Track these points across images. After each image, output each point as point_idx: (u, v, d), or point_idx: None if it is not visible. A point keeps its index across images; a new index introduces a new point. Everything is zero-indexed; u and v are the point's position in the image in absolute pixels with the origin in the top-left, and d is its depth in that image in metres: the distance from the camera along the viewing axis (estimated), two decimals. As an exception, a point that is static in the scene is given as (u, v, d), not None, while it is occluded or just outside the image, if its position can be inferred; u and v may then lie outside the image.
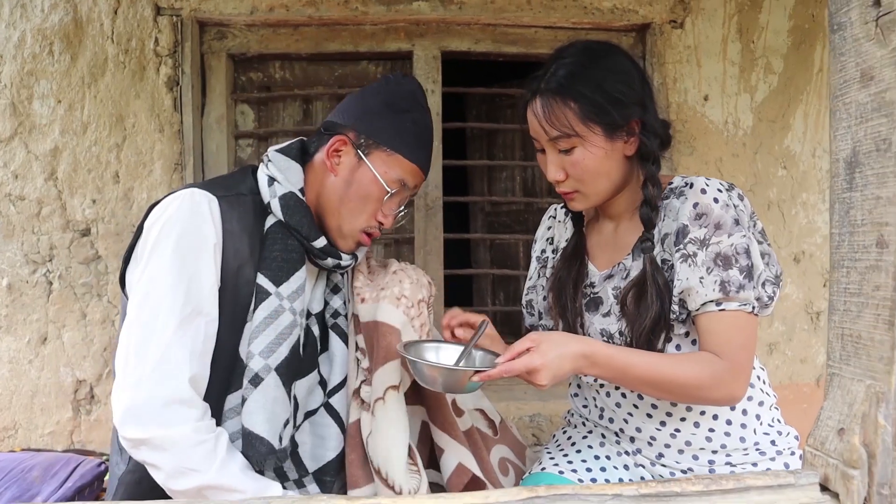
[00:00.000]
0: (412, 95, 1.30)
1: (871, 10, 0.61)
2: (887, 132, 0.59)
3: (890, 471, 0.59)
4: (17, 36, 1.97)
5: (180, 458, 1.07)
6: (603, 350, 1.13)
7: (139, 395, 1.07)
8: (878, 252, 0.61)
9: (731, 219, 1.13)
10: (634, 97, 1.17)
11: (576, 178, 1.20)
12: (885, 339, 0.60)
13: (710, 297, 1.12)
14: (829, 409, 0.65)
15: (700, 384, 1.11)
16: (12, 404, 2.04)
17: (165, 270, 1.12)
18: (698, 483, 0.61)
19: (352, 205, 1.25)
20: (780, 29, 2.14)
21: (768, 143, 2.16)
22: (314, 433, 1.29)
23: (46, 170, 2.00)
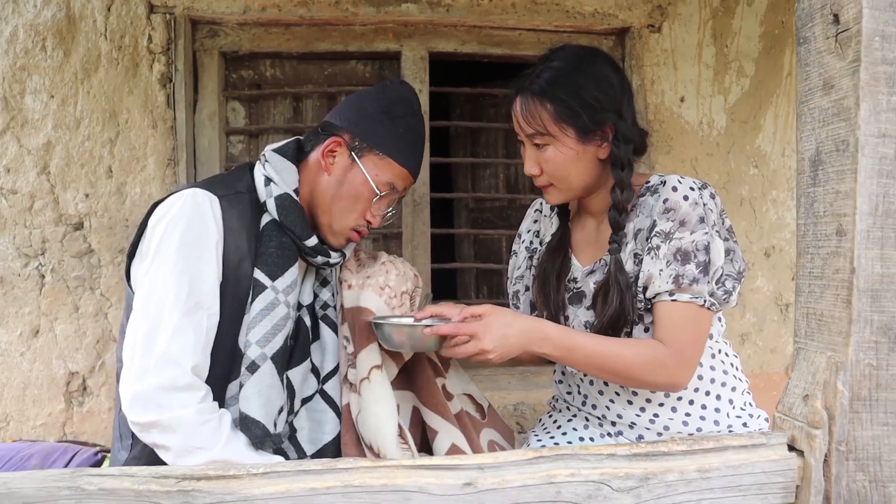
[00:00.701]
0: (407, 102, 1.37)
1: (831, 27, 0.69)
2: (845, 134, 0.67)
3: (847, 430, 0.68)
4: (9, 31, 1.98)
5: (188, 437, 1.13)
6: (551, 330, 1.20)
7: (146, 382, 1.14)
8: (838, 240, 0.69)
9: (697, 217, 1.21)
10: (610, 104, 1.24)
11: (548, 174, 1.28)
12: (843, 315, 0.68)
13: (664, 287, 1.20)
14: (796, 379, 0.73)
15: (643, 368, 1.18)
16: (4, 396, 2.06)
17: (170, 266, 1.18)
18: (682, 444, 0.68)
19: (342, 204, 1.32)
20: (751, 34, 2.24)
21: (740, 143, 2.26)
22: (311, 418, 1.36)
23: (39, 164, 2.02)
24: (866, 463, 0.68)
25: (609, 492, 0.66)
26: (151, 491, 0.64)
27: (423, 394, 1.50)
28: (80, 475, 0.65)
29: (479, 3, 2.10)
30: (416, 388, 1.51)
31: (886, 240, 0.67)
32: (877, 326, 0.68)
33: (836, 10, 0.69)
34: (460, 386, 1.61)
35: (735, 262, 1.28)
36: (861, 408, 0.68)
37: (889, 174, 0.66)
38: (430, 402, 1.49)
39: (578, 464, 0.66)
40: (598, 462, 0.66)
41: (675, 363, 1.19)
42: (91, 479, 0.64)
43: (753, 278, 2.30)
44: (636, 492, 0.66)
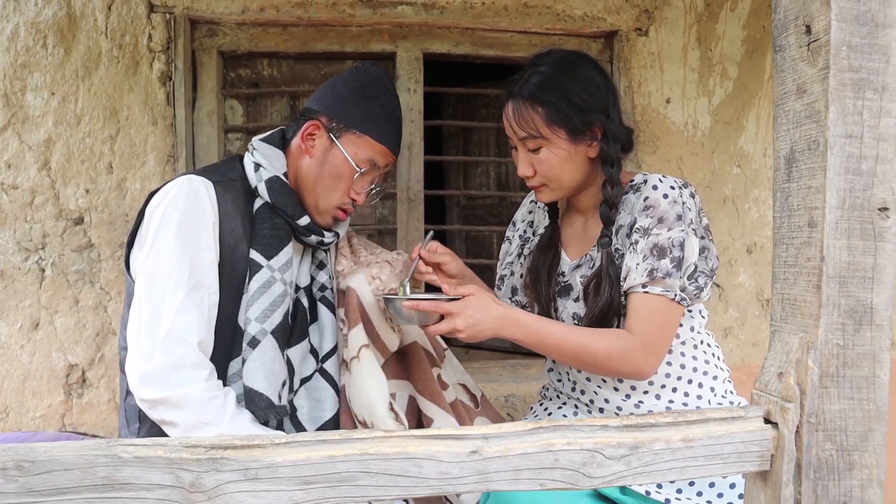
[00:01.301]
0: (379, 82, 1.44)
1: (804, 36, 0.76)
2: (816, 135, 0.74)
3: (816, 403, 0.75)
4: (10, 29, 2.02)
5: (195, 413, 1.19)
6: (523, 317, 1.27)
7: (153, 360, 1.19)
8: (810, 231, 0.76)
9: (675, 214, 1.27)
10: (598, 106, 1.31)
11: (542, 175, 1.35)
12: (813, 300, 0.75)
13: (638, 280, 1.26)
14: (771, 359, 0.80)
15: (609, 356, 1.24)
16: (4, 388, 2.09)
17: (170, 249, 1.24)
18: (669, 416, 0.75)
19: (325, 183, 1.38)
20: (734, 38, 2.32)
21: (724, 144, 2.33)
22: (310, 397, 1.42)
23: (40, 160, 2.05)
24: (833, 433, 0.75)
25: (602, 459, 0.72)
26: (183, 458, 0.69)
27: (420, 383, 1.56)
28: (115, 444, 0.70)
29: (473, 5, 2.16)
30: (413, 377, 1.57)
31: (852, 231, 0.74)
32: (844, 310, 0.75)
33: (808, 22, 0.76)
34: (455, 376, 1.68)
35: (709, 259, 1.34)
36: (829, 384, 0.75)
37: (855, 171, 0.73)
38: (426, 392, 1.55)
39: (574, 434, 0.72)
40: (592, 432, 0.72)
41: (642, 353, 1.25)
42: (126, 447, 0.70)
43: (736, 274, 2.38)
44: (626, 459, 0.73)
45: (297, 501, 0.71)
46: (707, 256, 1.34)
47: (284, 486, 0.70)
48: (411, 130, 2.20)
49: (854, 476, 0.76)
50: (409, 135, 2.19)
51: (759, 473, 0.77)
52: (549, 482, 0.72)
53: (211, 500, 0.70)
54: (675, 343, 1.37)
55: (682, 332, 1.36)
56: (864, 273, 0.74)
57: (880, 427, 0.76)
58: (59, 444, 0.70)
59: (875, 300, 0.75)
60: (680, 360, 1.37)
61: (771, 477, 0.76)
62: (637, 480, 0.73)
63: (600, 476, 0.72)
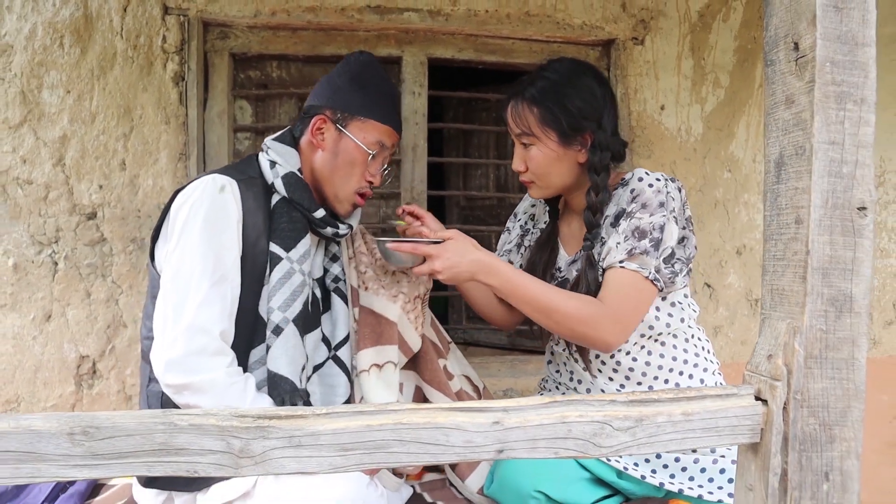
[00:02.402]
0: (371, 67, 1.51)
1: (792, 52, 0.85)
2: (803, 141, 0.83)
3: (802, 382, 0.83)
4: (27, 28, 2.07)
5: (217, 397, 1.25)
6: (501, 266, 1.34)
7: (177, 348, 1.26)
8: (796, 227, 0.84)
9: (658, 202, 1.35)
10: (591, 114, 1.40)
11: (532, 171, 1.44)
12: (799, 289, 0.84)
13: (617, 257, 1.34)
14: (762, 344, 0.88)
15: (579, 319, 1.31)
16: (15, 378, 2.15)
17: (196, 245, 1.31)
18: (670, 393, 0.83)
19: (342, 172, 1.45)
20: (727, 48, 2.42)
21: (716, 149, 2.43)
22: (323, 383, 1.49)
23: (55, 156, 2.11)
24: (817, 409, 0.84)
25: (610, 430, 0.80)
26: (233, 426, 0.77)
27: (427, 373, 1.64)
28: (171, 414, 0.77)
29: (476, 13, 2.24)
30: (420, 368, 1.65)
31: (834, 227, 0.82)
32: (826, 298, 0.83)
33: (796, 40, 0.85)
34: (459, 367, 1.76)
35: (687, 248, 1.41)
36: (813, 364, 0.83)
37: (837, 174, 0.82)
38: (433, 381, 1.63)
39: (586, 408, 0.80)
40: (601, 406, 0.80)
41: (608, 322, 1.31)
42: (181, 416, 0.77)
43: (726, 275, 2.47)
44: (632, 431, 0.81)
45: (336, 466, 0.78)
46: (686, 245, 1.41)
47: (325, 453, 0.78)
48: (415, 133, 2.27)
49: (835, 448, 0.85)
50: (413, 137, 2.27)
51: (751, 445, 0.86)
52: (563, 451, 0.80)
53: (258, 465, 0.78)
54: (667, 335, 1.45)
55: (672, 323, 1.44)
56: (845, 266, 0.83)
57: (858, 404, 0.85)
58: (121, 412, 0.77)
59: (854, 290, 0.83)
60: (672, 352, 1.45)
61: (761, 448, 0.84)
62: (641, 450, 0.81)
63: (608, 446, 0.80)
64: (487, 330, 2.72)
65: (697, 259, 2.43)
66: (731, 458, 1.37)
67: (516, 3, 2.26)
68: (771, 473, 0.83)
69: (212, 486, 1.31)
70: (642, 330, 1.42)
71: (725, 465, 1.37)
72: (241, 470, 0.78)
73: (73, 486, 1.60)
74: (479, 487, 1.57)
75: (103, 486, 1.69)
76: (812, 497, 0.84)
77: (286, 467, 0.78)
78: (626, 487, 1.43)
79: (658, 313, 1.43)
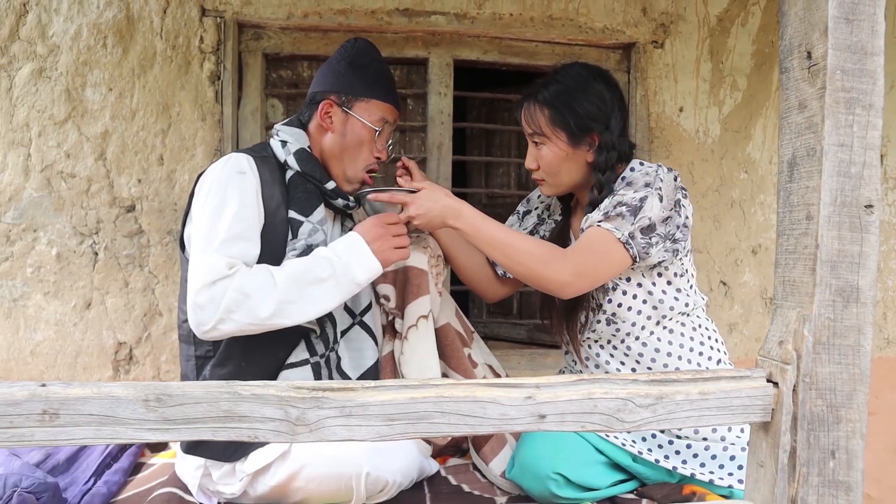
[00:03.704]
0: (367, 52, 1.60)
1: (805, 61, 0.92)
2: (814, 143, 0.90)
3: (810, 367, 0.90)
4: (73, 29, 2.18)
5: (251, 299, 1.30)
6: (467, 210, 1.43)
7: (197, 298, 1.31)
8: (807, 223, 0.91)
9: (644, 182, 1.43)
10: (599, 117, 1.48)
11: (543, 169, 1.53)
12: (809, 280, 0.90)
13: (595, 219, 1.41)
14: (773, 331, 0.96)
15: (535, 257, 1.37)
16: (57, 363, 2.25)
17: (217, 206, 1.39)
18: (688, 374, 0.91)
19: (351, 150, 1.55)
20: (744, 52, 2.47)
21: (732, 151, 2.48)
22: (350, 347, 1.57)
23: (96, 151, 2.21)
24: (824, 392, 0.91)
25: (633, 406, 0.87)
26: (290, 397, 0.85)
27: (453, 361, 1.72)
28: (234, 385, 0.86)
29: (501, 17, 2.32)
30: (445, 356, 1.73)
31: (842, 223, 0.89)
32: (834, 289, 0.90)
33: (809, 49, 0.92)
34: (482, 357, 1.83)
35: (668, 227, 1.43)
36: (821, 350, 0.90)
37: (845, 174, 0.89)
38: (459, 369, 1.71)
39: (610, 385, 0.88)
40: (625, 385, 0.88)
41: (564, 264, 1.36)
42: (244, 387, 0.85)
43: (741, 273, 2.53)
44: (653, 407, 0.88)
45: (383, 435, 0.86)
46: (667, 224, 1.43)
47: (373, 422, 0.86)
48: (441, 132, 2.35)
49: (841, 428, 0.91)
50: (438, 135, 2.35)
51: (762, 424, 0.93)
52: (589, 424, 0.87)
53: (312, 432, 0.86)
54: (675, 321, 1.52)
55: (676, 307, 1.50)
56: (852, 259, 0.90)
57: (863, 388, 0.91)
58: (190, 382, 0.86)
59: (861, 282, 0.90)
60: (679, 339, 1.52)
61: (772, 427, 0.91)
62: (661, 426, 0.89)
63: (631, 420, 0.88)
64: (507, 324, 2.79)
65: (713, 257, 2.49)
66: (741, 446, 1.44)
67: (540, 7, 2.33)
68: (781, 450, 0.90)
69: (249, 454, 1.40)
70: (648, 312, 1.49)
71: (735, 452, 1.43)
72: (297, 437, 0.86)
73: (118, 463, 1.70)
74: (502, 471, 1.64)
75: (144, 465, 1.79)
76: (819, 473, 0.91)
77: (337, 434, 0.86)
78: (640, 471, 1.50)
79: (664, 295, 1.49)
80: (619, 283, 1.50)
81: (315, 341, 1.51)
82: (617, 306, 1.49)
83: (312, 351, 1.50)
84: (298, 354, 1.49)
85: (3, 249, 2.19)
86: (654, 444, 1.48)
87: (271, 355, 1.47)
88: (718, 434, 1.45)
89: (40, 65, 2.16)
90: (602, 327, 1.52)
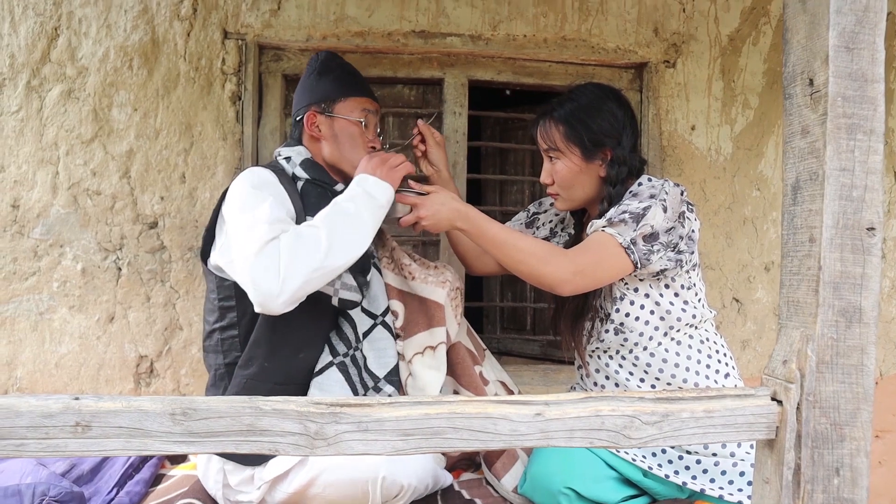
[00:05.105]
0: (331, 59, 1.71)
1: (807, 87, 0.95)
2: (816, 168, 0.92)
3: (814, 385, 0.92)
4: (101, 51, 2.25)
5: (303, 262, 1.31)
6: (474, 213, 1.49)
7: (254, 272, 1.30)
8: (810, 245, 0.94)
9: (649, 194, 1.47)
10: (611, 133, 1.54)
11: (557, 184, 1.59)
12: (812, 301, 0.93)
13: (598, 225, 1.45)
14: (778, 350, 0.98)
15: (535, 256, 1.42)
16: (80, 375, 2.31)
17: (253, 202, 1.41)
18: (693, 392, 0.93)
19: (348, 147, 1.64)
20: (756, 71, 2.50)
21: (745, 168, 2.50)
22: (374, 347, 1.62)
23: (121, 169, 2.28)
24: (828, 410, 0.93)
25: (639, 423, 0.90)
26: (310, 412, 0.89)
27: (464, 379, 1.75)
28: (256, 400, 0.90)
29: (515, 38, 2.37)
30: (457, 374, 1.76)
31: (844, 245, 0.92)
32: (837, 310, 0.92)
33: (811, 76, 0.95)
34: (494, 373, 1.86)
35: (671, 237, 1.46)
36: (825, 369, 0.92)
37: (847, 197, 0.91)
38: (470, 386, 1.74)
39: (617, 403, 0.91)
40: (631, 402, 0.91)
41: (563, 262, 1.40)
42: (265, 402, 0.89)
43: (754, 290, 2.54)
44: (659, 424, 0.91)
45: (398, 449, 0.90)
46: (670, 234, 1.46)
47: (388, 437, 0.89)
48: (456, 150, 2.40)
49: (845, 446, 0.93)
50: (453, 154, 2.40)
51: (767, 441, 0.95)
52: (597, 441, 0.90)
53: (330, 446, 0.90)
54: (683, 333, 1.54)
55: (683, 318, 1.53)
56: (855, 280, 0.92)
57: (867, 407, 0.93)
58: (214, 397, 0.90)
59: (863, 302, 0.93)
60: (687, 351, 1.54)
61: (776, 444, 0.94)
62: (667, 442, 0.91)
63: (637, 437, 0.91)
64: (521, 340, 2.82)
65: (726, 274, 2.50)
66: (751, 462, 1.45)
67: (553, 28, 2.38)
68: (785, 468, 0.92)
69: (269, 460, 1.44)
70: (656, 322, 1.52)
71: (745, 468, 1.45)
72: (315, 450, 0.90)
73: (139, 474, 1.74)
74: (514, 486, 1.67)
75: (164, 476, 1.83)
76: (824, 490, 0.93)
77: (354, 448, 0.90)
78: (651, 487, 1.52)
79: (671, 306, 1.52)
80: (626, 293, 1.53)
81: (335, 342, 1.56)
82: (625, 316, 1.52)
83: (335, 352, 1.55)
84: (322, 360, 1.55)
85: (31, 264, 2.26)
86: (665, 459, 1.50)
87: (293, 356, 1.52)
88: (728, 450, 1.46)
89: (69, 86, 2.24)
90: (611, 337, 1.55)
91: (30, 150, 2.23)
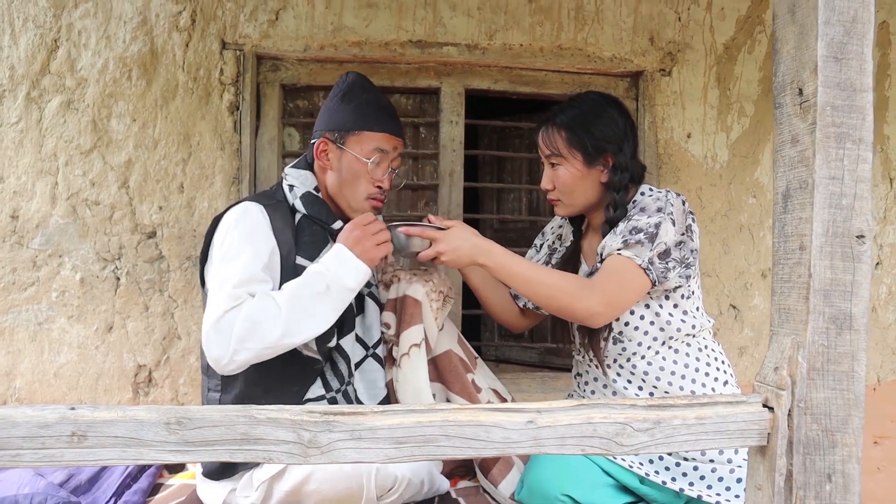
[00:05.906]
0: (357, 84, 1.65)
1: (797, 97, 0.96)
2: (806, 176, 0.93)
3: (805, 392, 0.93)
4: (100, 63, 2.27)
5: (259, 326, 1.35)
6: (496, 249, 1.48)
7: (209, 335, 1.36)
8: (800, 253, 0.95)
9: (656, 207, 1.48)
10: (613, 139, 1.56)
11: (559, 189, 1.60)
12: (803, 308, 0.94)
13: (614, 247, 1.46)
14: (770, 357, 0.98)
15: (563, 290, 1.42)
16: (79, 384, 2.31)
17: (229, 254, 1.45)
18: (685, 399, 0.94)
19: (348, 184, 1.60)
20: (751, 79, 2.51)
21: (741, 176, 2.51)
22: (364, 379, 1.63)
23: (120, 179, 2.29)
24: (819, 417, 0.93)
25: (631, 431, 0.91)
26: (304, 420, 0.89)
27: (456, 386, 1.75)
28: (250, 409, 0.90)
29: (511, 47, 2.38)
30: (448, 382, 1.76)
31: (834, 253, 0.92)
32: (827, 317, 0.93)
33: (800, 86, 0.96)
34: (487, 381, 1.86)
35: (683, 251, 1.50)
36: (816, 376, 0.93)
37: (836, 206, 0.92)
38: (463, 394, 1.74)
39: (609, 410, 0.91)
40: (623, 410, 0.91)
41: (591, 293, 1.42)
42: (259, 411, 0.90)
43: (751, 297, 2.54)
44: (650, 432, 0.91)
45: (391, 457, 0.90)
46: (682, 249, 1.50)
47: (382, 445, 0.90)
48: (453, 159, 2.41)
49: (836, 452, 0.94)
50: (450, 163, 2.41)
51: (759, 448, 0.95)
52: (589, 448, 0.91)
53: (323, 454, 0.90)
54: (681, 342, 1.55)
55: (683, 328, 1.54)
56: (845, 288, 0.93)
57: (858, 413, 0.94)
58: (209, 406, 0.91)
59: (853, 309, 0.93)
60: (685, 359, 1.55)
61: (768, 451, 0.94)
62: (659, 450, 0.92)
63: (629, 444, 0.91)
64: (518, 347, 2.82)
65: (722, 281, 2.51)
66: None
67: (549, 38, 2.39)
68: (777, 474, 0.93)
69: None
70: (655, 333, 1.53)
71: (742, 474, 1.45)
72: (309, 458, 0.90)
73: (137, 484, 1.74)
74: (511, 493, 1.67)
75: (162, 486, 1.83)
76: (816, 496, 0.93)
77: (347, 457, 0.90)
78: (648, 493, 1.52)
79: (671, 317, 1.53)
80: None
81: (329, 378, 1.56)
82: (624, 325, 1.53)
83: (328, 387, 1.56)
84: (315, 391, 1.55)
85: (30, 274, 2.27)
86: (662, 465, 1.50)
87: (285, 392, 1.52)
88: (725, 456, 1.47)
89: (69, 97, 2.25)
90: (609, 346, 1.55)
91: (29, 160, 2.25)
